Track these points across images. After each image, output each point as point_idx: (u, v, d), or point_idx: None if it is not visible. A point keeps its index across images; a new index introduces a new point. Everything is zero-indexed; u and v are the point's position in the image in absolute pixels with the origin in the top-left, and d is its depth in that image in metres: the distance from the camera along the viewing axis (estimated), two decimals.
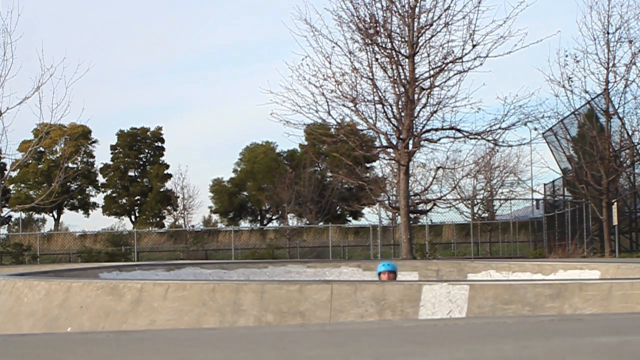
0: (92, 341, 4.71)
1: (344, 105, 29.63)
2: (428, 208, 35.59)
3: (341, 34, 29.65)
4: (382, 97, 29.43)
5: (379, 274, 12.94)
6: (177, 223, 68.46)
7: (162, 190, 73.79)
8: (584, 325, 5.58)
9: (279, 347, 4.25)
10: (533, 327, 5.36)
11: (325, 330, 5.39)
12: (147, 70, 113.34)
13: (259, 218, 78.03)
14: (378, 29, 29.14)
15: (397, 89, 29.40)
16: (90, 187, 77.41)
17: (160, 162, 76.71)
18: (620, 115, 34.22)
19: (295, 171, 63.05)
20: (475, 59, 29.04)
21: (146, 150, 77.52)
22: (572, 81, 33.84)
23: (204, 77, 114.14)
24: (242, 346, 4.33)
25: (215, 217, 78.82)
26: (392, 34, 29.23)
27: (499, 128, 29.76)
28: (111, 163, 76.13)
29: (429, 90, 29.43)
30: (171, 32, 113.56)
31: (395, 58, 29.16)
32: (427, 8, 29.24)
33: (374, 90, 29.44)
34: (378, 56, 29.54)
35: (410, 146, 29.57)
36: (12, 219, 70.98)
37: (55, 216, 75.41)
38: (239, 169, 77.45)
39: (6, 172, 45.75)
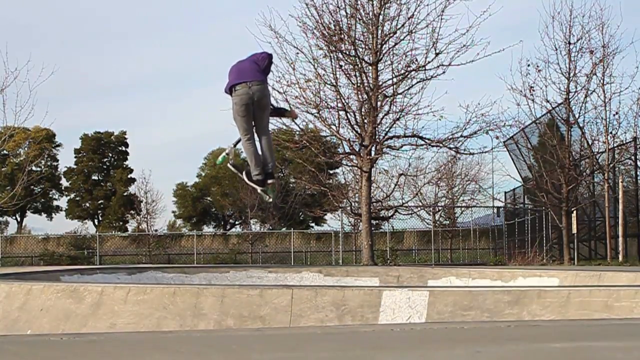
0: (43, 343, 4.70)
1: (307, 111, 29.64)
2: (390, 215, 35.75)
3: (305, 41, 29.69)
4: (345, 103, 29.49)
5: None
6: (140, 227, 68.14)
7: (125, 194, 73.40)
8: (539, 331, 5.64)
9: (232, 350, 4.27)
10: (489, 332, 5.42)
11: (281, 334, 5.41)
12: (113, 77, 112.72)
13: (222, 223, 77.81)
14: (342, 36, 29.19)
15: (360, 96, 29.47)
16: (54, 191, 76.91)
17: (124, 166, 76.38)
18: (581, 125, 34.39)
19: None
20: (438, 67, 29.18)
21: (110, 154, 77.17)
22: (533, 90, 33.93)
23: (169, 81, 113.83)
24: (194, 350, 4.33)
25: (179, 221, 78.65)
26: (356, 41, 29.30)
27: (461, 136, 29.92)
28: (75, 167, 75.67)
29: (391, 98, 29.52)
30: (138, 39, 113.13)
31: (359, 65, 29.22)
32: (391, 16, 29.37)
33: (338, 97, 29.49)
34: (342, 63, 29.59)
35: (373, 153, 29.65)
36: None
37: (19, 219, 74.83)
38: (203, 174, 77.23)
39: None
